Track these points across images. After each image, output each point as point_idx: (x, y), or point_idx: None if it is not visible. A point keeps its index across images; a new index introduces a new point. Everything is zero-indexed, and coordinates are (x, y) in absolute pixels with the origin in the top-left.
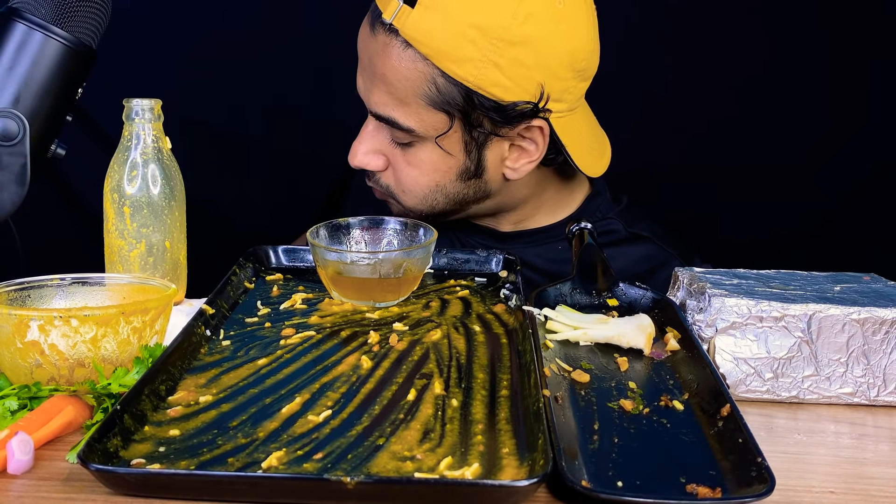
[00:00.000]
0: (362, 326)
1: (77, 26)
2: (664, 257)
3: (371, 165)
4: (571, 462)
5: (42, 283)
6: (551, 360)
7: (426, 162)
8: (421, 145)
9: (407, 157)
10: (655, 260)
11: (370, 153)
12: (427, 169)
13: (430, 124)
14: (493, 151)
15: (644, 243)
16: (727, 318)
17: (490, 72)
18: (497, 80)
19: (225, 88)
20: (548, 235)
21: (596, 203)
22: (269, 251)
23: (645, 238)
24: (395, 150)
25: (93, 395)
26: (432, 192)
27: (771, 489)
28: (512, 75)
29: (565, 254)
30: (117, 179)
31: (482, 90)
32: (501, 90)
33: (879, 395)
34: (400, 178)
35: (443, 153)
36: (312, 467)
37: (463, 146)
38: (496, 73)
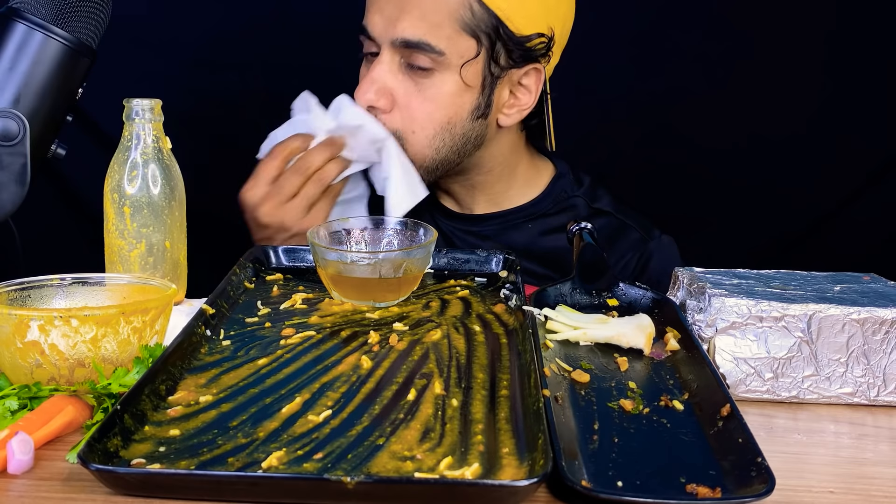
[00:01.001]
0: (362, 326)
1: (77, 26)
2: (622, 227)
3: (380, 104)
4: (571, 462)
5: (42, 283)
6: (551, 360)
7: (444, 94)
8: (441, 76)
9: (423, 91)
10: (614, 230)
11: (380, 91)
12: (443, 102)
13: (459, 50)
14: (498, 93)
15: (605, 217)
16: (727, 318)
17: (521, 3)
18: (525, 12)
19: (225, 88)
20: (519, 216)
21: (561, 184)
22: (269, 251)
23: (606, 212)
24: (409, 85)
25: (93, 395)
26: (443, 131)
27: (771, 489)
28: (536, 11)
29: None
30: (117, 179)
31: (509, 21)
32: (525, 24)
33: (879, 395)
34: (413, 116)
35: (461, 86)
36: (312, 467)
37: (481, 80)
38: (526, 5)
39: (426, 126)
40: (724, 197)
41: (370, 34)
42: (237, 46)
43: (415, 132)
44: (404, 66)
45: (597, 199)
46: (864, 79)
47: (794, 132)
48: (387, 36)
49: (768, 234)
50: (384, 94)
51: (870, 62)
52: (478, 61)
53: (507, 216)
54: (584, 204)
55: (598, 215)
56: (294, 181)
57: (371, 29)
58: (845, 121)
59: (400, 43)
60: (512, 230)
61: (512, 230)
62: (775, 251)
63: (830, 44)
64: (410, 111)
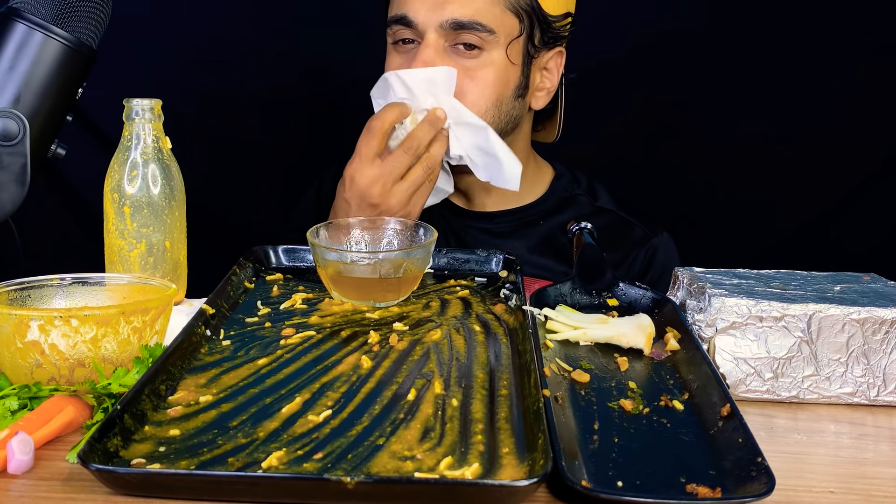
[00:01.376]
0: (362, 326)
1: (77, 26)
2: (625, 224)
3: None
4: (571, 462)
5: (42, 283)
6: (551, 360)
7: (492, 74)
8: (489, 55)
9: (473, 71)
10: (619, 229)
11: None
12: (493, 80)
13: (506, 29)
14: (532, 75)
15: (608, 215)
16: (727, 318)
17: None
18: None
19: (225, 88)
20: (531, 213)
21: (562, 183)
22: (269, 251)
23: (609, 211)
24: (457, 67)
25: (93, 395)
26: (493, 107)
27: (771, 489)
28: None
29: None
30: (117, 179)
31: (543, 2)
32: (554, 5)
33: (879, 395)
34: (465, 96)
35: (506, 63)
36: (312, 467)
37: (521, 58)
38: None
39: (479, 103)
40: (724, 197)
41: (411, 21)
42: (238, 46)
43: None
44: (450, 49)
45: (598, 197)
46: (865, 79)
47: (795, 132)
48: (435, 19)
49: (768, 234)
50: None
51: (870, 62)
52: (520, 40)
53: (519, 213)
54: (587, 202)
55: (600, 213)
56: (404, 161)
57: (413, 15)
58: (846, 121)
59: (450, 25)
60: (526, 228)
61: (526, 228)
62: (775, 251)
63: (831, 44)
64: (462, 91)
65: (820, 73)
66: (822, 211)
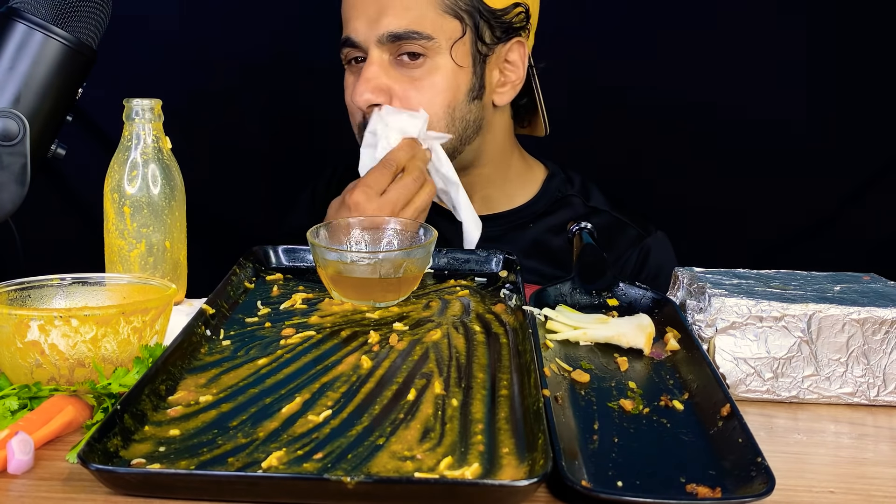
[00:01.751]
0: (362, 326)
1: (77, 26)
2: (619, 224)
3: (379, 100)
4: (571, 462)
5: (42, 283)
6: (551, 360)
7: (440, 79)
8: (433, 61)
9: (418, 81)
10: (611, 227)
11: (377, 90)
12: (441, 87)
13: (447, 32)
14: (489, 73)
15: (601, 215)
16: (727, 318)
17: None
18: None
19: (225, 88)
20: (520, 216)
21: (555, 183)
22: (269, 251)
23: (602, 211)
24: (403, 79)
25: (93, 395)
26: (445, 116)
27: (771, 489)
28: None
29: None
30: (117, 179)
31: None
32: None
33: (879, 395)
34: (413, 106)
35: (454, 67)
36: (312, 467)
37: (471, 59)
38: None
39: (429, 112)
40: (724, 197)
41: (354, 41)
42: (237, 47)
43: None
44: (394, 62)
45: (591, 198)
46: (865, 79)
47: (795, 132)
48: (373, 35)
49: (768, 234)
50: (380, 91)
51: (870, 62)
52: (465, 41)
53: (509, 217)
54: (580, 202)
55: (594, 213)
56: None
57: (354, 35)
58: (846, 121)
59: (387, 38)
60: (516, 231)
61: (516, 231)
62: (775, 251)
63: (831, 44)
64: (410, 102)
65: (820, 73)
66: (822, 211)
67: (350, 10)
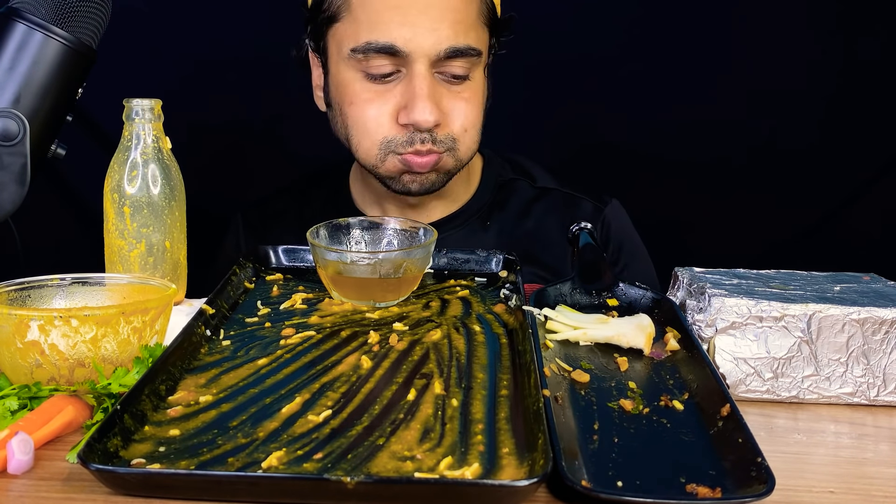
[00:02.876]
0: (362, 326)
1: (77, 26)
2: (572, 200)
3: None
4: (571, 462)
5: (42, 283)
6: (551, 360)
7: (478, 91)
8: (473, 75)
9: (463, 94)
10: (565, 204)
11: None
12: (479, 99)
13: (485, 45)
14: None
15: (553, 195)
16: (727, 318)
17: None
18: None
19: (225, 88)
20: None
21: (494, 168)
22: (269, 251)
23: (552, 189)
24: (447, 92)
25: (93, 395)
26: (481, 126)
27: (771, 489)
28: None
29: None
30: (117, 179)
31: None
32: (499, 5)
33: (879, 395)
34: (462, 121)
35: (483, 78)
36: (312, 467)
37: (488, 69)
38: None
39: (476, 123)
40: (724, 197)
41: (398, 49)
42: (238, 46)
43: (467, 131)
44: (437, 75)
45: (537, 179)
46: (865, 79)
47: (795, 132)
48: (431, 48)
49: (768, 234)
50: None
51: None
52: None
53: (463, 214)
54: (526, 185)
55: (545, 194)
56: None
57: (403, 45)
58: (846, 121)
59: (446, 52)
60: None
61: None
62: (775, 251)
63: (831, 44)
64: (459, 116)
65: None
66: (822, 211)
67: (390, 14)
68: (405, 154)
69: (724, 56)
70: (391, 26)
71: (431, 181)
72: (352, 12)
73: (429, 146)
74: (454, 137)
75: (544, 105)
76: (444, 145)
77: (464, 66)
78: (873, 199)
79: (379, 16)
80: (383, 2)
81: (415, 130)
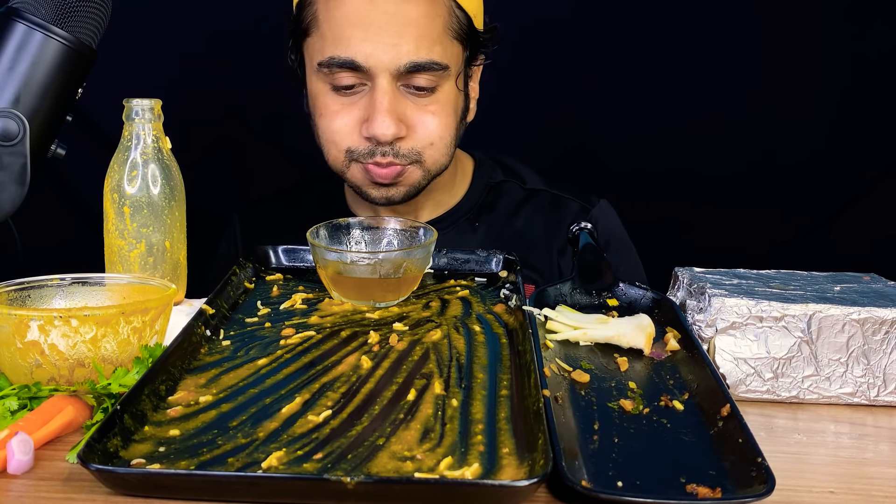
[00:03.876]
0: (362, 326)
1: (77, 26)
2: (560, 201)
3: (401, 132)
4: (571, 462)
5: (42, 283)
6: (551, 360)
7: (447, 105)
8: (441, 88)
9: (429, 107)
10: (553, 205)
11: (397, 121)
12: (448, 111)
13: (455, 58)
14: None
15: (541, 196)
16: (727, 318)
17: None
18: (480, 6)
19: (225, 88)
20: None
21: (485, 171)
22: (269, 251)
23: (540, 191)
24: (414, 108)
25: (93, 395)
26: (452, 138)
27: (771, 489)
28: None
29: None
30: (117, 179)
31: (475, 18)
32: (479, 18)
33: (879, 395)
34: (428, 134)
35: (455, 91)
36: (312, 467)
37: (462, 82)
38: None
39: (444, 136)
40: (724, 197)
41: (360, 65)
42: (238, 46)
43: (433, 143)
44: (401, 89)
45: (526, 181)
46: (865, 79)
47: (795, 132)
48: (389, 62)
49: (768, 234)
50: (399, 122)
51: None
52: (460, 68)
53: (452, 216)
54: (516, 187)
55: (534, 195)
56: None
57: (363, 60)
58: (846, 121)
59: (406, 67)
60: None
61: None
62: (775, 251)
63: (831, 44)
64: (425, 129)
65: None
66: (822, 211)
67: (352, 30)
68: (367, 164)
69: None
70: (352, 42)
71: (393, 194)
72: (319, 27)
73: (389, 159)
74: (419, 151)
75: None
76: (407, 158)
77: (429, 80)
78: (873, 199)
79: (342, 31)
80: (346, 17)
81: (377, 143)
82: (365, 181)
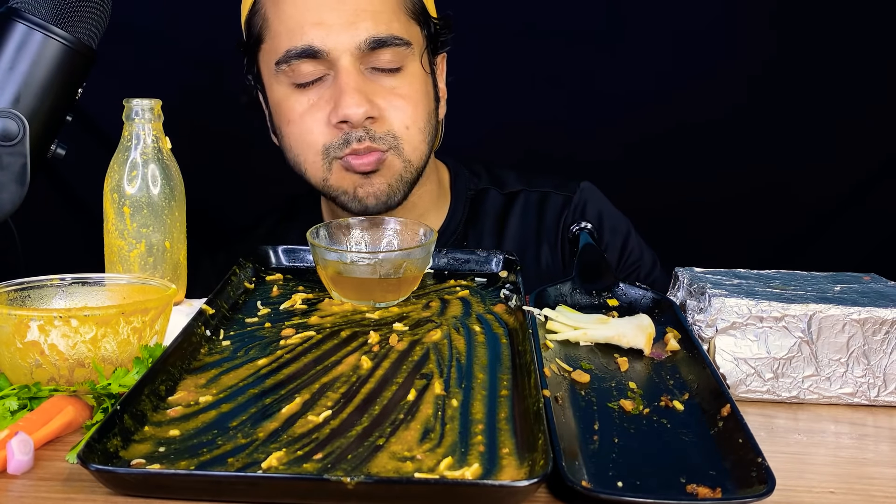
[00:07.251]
0: (362, 326)
1: (77, 26)
2: (541, 197)
3: (373, 112)
4: (571, 462)
5: (42, 283)
6: (551, 360)
7: (416, 86)
8: (407, 67)
9: (399, 89)
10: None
11: (366, 99)
12: (420, 93)
13: (415, 37)
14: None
15: (521, 197)
16: (727, 318)
17: None
18: None
19: (225, 88)
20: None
21: (462, 182)
22: (269, 251)
23: (519, 192)
24: (382, 87)
25: (93, 395)
26: (427, 123)
27: (771, 489)
28: None
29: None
30: (117, 179)
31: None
32: (432, 7)
33: (879, 395)
34: (401, 116)
35: (423, 73)
36: (312, 467)
37: (429, 66)
38: None
39: (417, 118)
40: (724, 197)
41: (318, 50)
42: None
43: (409, 127)
44: (367, 73)
45: (505, 184)
46: (865, 79)
47: (795, 132)
48: (348, 42)
49: (768, 234)
50: (368, 100)
51: (870, 62)
52: (423, 48)
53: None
54: (495, 193)
55: (513, 198)
56: None
57: (319, 44)
58: (846, 121)
59: (368, 44)
60: None
61: None
62: (775, 251)
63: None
64: (397, 110)
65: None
66: (822, 211)
67: (304, 17)
68: (344, 156)
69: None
70: (306, 28)
71: (384, 191)
72: (271, 28)
73: (366, 143)
74: (395, 135)
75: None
76: (384, 143)
77: (393, 57)
78: (873, 199)
79: (294, 21)
80: (295, 7)
81: (349, 129)
82: (349, 183)
